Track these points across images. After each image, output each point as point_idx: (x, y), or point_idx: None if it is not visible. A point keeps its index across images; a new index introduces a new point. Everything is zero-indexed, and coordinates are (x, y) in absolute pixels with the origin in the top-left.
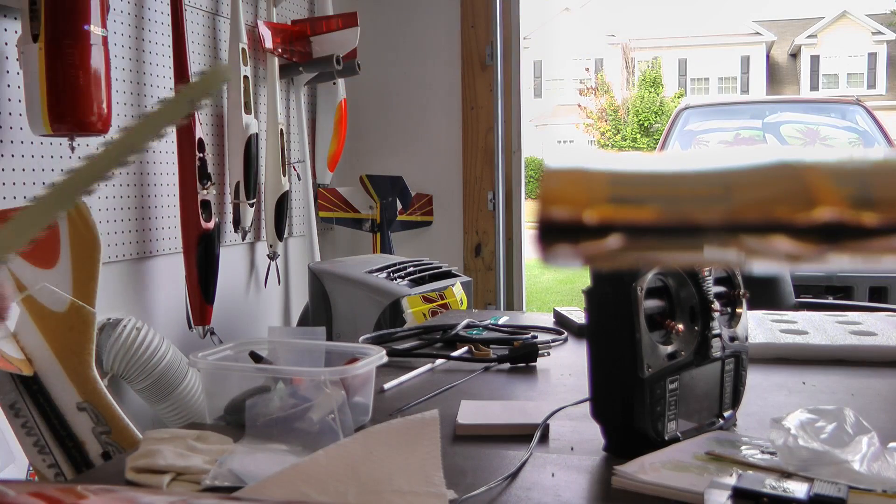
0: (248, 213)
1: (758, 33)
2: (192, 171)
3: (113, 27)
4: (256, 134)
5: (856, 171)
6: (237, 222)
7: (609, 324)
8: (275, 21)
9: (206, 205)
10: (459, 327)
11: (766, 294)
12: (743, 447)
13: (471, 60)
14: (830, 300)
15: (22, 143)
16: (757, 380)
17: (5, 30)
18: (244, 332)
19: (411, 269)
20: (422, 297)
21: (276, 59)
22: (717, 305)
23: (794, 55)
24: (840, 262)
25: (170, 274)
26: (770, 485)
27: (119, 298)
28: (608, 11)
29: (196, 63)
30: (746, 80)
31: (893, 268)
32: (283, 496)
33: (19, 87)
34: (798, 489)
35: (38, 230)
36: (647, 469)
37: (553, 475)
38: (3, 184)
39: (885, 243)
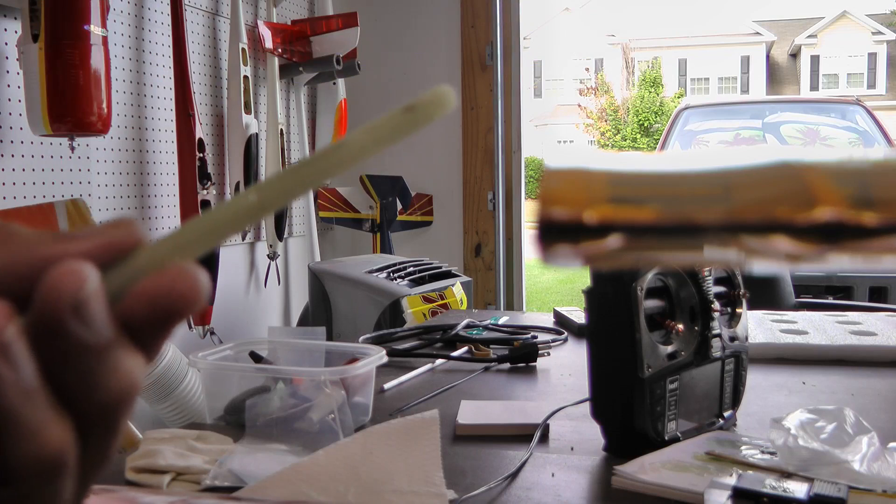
0: None
1: (758, 33)
2: (192, 171)
3: (113, 27)
4: (256, 134)
5: (856, 171)
6: None
7: (609, 324)
8: (275, 21)
9: (206, 205)
10: (459, 327)
11: (766, 294)
12: (743, 447)
13: (471, 60)
14: (830, 300)
15: (22, 143)
16: (757, 380)
17: (5, 30)
18: (244, 332)
19: (411, 269)
20: (422, 297)
21: (276, 59)
22: (717, 305)
23: (794, 55)
24: (840, 262)
25: None
26: (770, 485)
27: None
28: (608, 11)
29: (196, 63)
30: (746, 80)
31: (893, 268)
32: (283, 496)
33: (19, 87)
34: (798, 489)
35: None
36: (647, 469)
37: (553, 475)
38: (3, 184)
39: (885, 243)
